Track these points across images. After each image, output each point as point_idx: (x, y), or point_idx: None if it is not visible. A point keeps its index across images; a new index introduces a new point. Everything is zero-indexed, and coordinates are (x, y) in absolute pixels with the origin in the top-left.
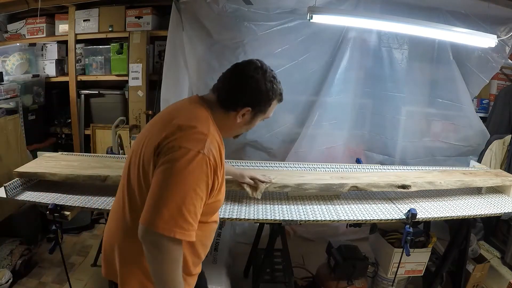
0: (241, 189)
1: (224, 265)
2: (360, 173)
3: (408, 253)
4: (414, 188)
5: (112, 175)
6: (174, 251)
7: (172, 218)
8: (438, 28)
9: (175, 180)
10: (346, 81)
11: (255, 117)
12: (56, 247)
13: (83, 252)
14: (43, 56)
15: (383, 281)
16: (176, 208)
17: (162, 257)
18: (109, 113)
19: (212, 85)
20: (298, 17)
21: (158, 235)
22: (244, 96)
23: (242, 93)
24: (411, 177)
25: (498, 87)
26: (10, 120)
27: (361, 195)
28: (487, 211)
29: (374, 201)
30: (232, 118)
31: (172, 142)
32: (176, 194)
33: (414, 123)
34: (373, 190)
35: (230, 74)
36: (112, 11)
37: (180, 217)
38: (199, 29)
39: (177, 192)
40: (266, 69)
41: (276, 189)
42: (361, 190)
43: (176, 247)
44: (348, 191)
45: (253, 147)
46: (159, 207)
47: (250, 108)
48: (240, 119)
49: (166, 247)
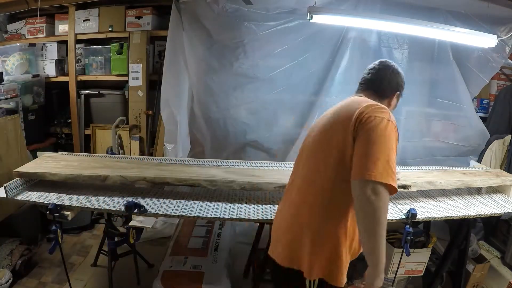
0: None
1: (224, 265)
2: None
3: (408, 253)
4: (414, 188)
5: (112, 175)
6: (387, 199)
7: (384, 169)
8: (438, 28)
9: (380, 140)
10: (346, 81)
11: (397, 100)
12: (56, 247)
13: (83, 252)
14: (43, 56)
15: (383, 281)
16: (385, 161)
17: (380, 205)
18: (109, 113)
19: (212, 85)
20: (298, 17)
21: (376, 183)
22: (394, 82)
23: (392, 81)
24: (411, 177)
25: (498, 87)
26: (10, 120)
27: None
28: (487, 211)
29: None
30: (386, 104)
31: (368, 113)
32: (383, 150)
33: (414, 123)
34: None
35: (377, 70)
36: (112, 11)
37: (389, 168)
38: (199, 29)
39: (384, 149)
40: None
41: (276, 189)
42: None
43: (387, 195)
44: None
45: (253, 147)
46: (373, 161)
47: (398, 91)
48: (392, 103)
49: (383, 194)
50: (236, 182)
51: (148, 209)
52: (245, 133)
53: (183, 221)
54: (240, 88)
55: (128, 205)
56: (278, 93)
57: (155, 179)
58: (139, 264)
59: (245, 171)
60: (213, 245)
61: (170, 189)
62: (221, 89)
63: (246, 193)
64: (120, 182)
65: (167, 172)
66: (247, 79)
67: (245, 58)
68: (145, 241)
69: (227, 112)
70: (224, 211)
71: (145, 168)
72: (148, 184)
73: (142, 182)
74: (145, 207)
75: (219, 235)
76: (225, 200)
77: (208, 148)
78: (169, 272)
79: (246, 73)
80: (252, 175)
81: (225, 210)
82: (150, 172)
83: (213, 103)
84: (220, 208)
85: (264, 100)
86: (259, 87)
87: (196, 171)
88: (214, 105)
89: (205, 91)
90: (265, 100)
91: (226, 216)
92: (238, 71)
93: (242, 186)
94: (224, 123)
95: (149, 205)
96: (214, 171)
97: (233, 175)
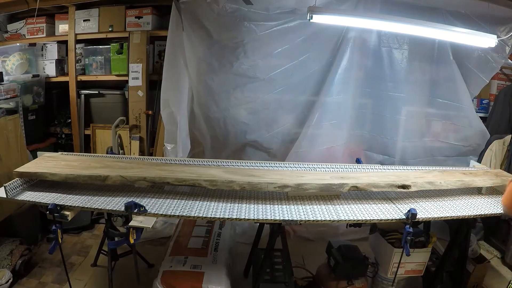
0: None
1: (224, 265)
2: (360, 173)
3: (408, 253)
4: (414, 188)
5: (112, 175)
6: None
7: None
8: (438, 28)
9: None
10: (346, 81)
11: None
12: (56, 247)
13: (83, 252)
14: (43, 56)
15: (383, 281)
16: None
17: None
18: (109, 113)
19: (212, 85)
20: (298, 17)
21: None
22: None
23: None
24: (411, 177)
25: (498, 87)
26: (10, 120)
27: (361, 195)
28: (487, 211)
29: (374, 201)
30: None
31: None
32: None
33: (414, 123)
34: (373, 190)
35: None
36: (112, 11)
37: None
38: (199, 29)
39: None
40: None
41: (276, 189)
42: (361, 190)
43: None
44: (348, 191)
45: (253, 147)
46: None
47: None
48: None
49: None
50: (236, 182)
51: (148, 209)
52: (245, 133)
53: (183, 221)
54: (240, 88)
55: (128, 205)
56: (278, 93)
57: (155, 179)
58: (139, 264)
59: (245, 171)
60: (213, 245)
61: (170, 188)
62: (221, 89)
63: (247, 193)
64: (120, 182)
65: (167, 172)
66: (247, 79)
67: (245, 58)
68: (145, 241)
69: (227, 112)
70: (224, 211)
71: (145, 168)
72: (149, 184)
73: (142, 182)
74: (145, 207)
75: (219, 235)
76: (225, 200)
77: (208, 148)
78: (169, 272)
79: (246, 73)
80: (252, 175)
81: (225, 210)
82: (150, 172)
83: (213, 103)
84: (220, 208)
85: (264, 100)
86: (259, 87)
87: (196, 171)
88: (214, 105)
89: (205, 91)
90: (265, 100)
91: (226, 216)
92: (238, 71)
93: (242, 186)
94: (224, 123)
95: (149, 205)
96: (214, 171)
97: (233, 175)
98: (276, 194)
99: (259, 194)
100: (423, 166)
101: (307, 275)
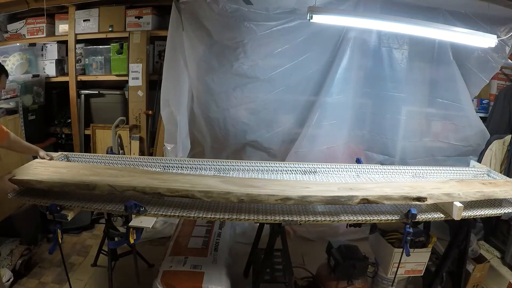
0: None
1: (224, 265)
2: (371, 184)
3: (408, 253)
4: (430, 201)
5: (100, 184)
6: None
7: None
8: (438, 28)
9: None
10: (346, 81)
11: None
12: (56, 247)
13: (83, 252)
14: (43, 56)
15: (383, 281)
16: None
17: None
18: (109, 113)
19: (212, 85)
20: (298, 17)
21: None
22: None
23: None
24: (427, 188)
25: (498, 87)
26: (10, 120)
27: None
28: (487, 211)
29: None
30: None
31: None
32: None
33: (414, 123)
34: (385, 203)
35: None
36: (112, 11)
37: None
38: (199, 29)
39: None
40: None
41: (278, 201)
42: (372, 203)
43: None
44: (357, 204)
45: (253, 147)
46: None
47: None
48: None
49: None
50: (234, 194)
51: (148, 209)
52: (245, 133)
53: (183, 221)
54: (240, 88)
55: (128, 205)
56: (278, 93)
57: (146, 189)
58: (139, 264)
59: (244, 181)
60: (213, 245)
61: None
62: (221, 89)
63: (245, 206)
64: (108, 192)
65: (159, 181)
66: (247, 79)
67: (245, 58)
68: (145, 241)
69: (227, 112)
70: (224, 211)
71: (137, 177)
72: (139, 194)
73: (131, 192)
74: (145, 207)
75: (219, 235)
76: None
77: (208, 148)
78: (169, 272)
79: (246, 73)
80: (251, 186)
81: (225, 210)
82: (140, 181)
83: (213, 103)
84: (220, 208)
85: (264, 100)
86: (259, 87)
87: (191, 180)
88: (214, 105)
89: (205, 91)
90: (265, 100)
91: (226, 216)
92: (238, 71)
93: (240, 198)
94: (224, 123)
95: (149, 205)
96: (210, 181)
97: (230, 186)
98: (277, 207)
99: (259, 207)
100: (423, 166)
101: (307, 275)
